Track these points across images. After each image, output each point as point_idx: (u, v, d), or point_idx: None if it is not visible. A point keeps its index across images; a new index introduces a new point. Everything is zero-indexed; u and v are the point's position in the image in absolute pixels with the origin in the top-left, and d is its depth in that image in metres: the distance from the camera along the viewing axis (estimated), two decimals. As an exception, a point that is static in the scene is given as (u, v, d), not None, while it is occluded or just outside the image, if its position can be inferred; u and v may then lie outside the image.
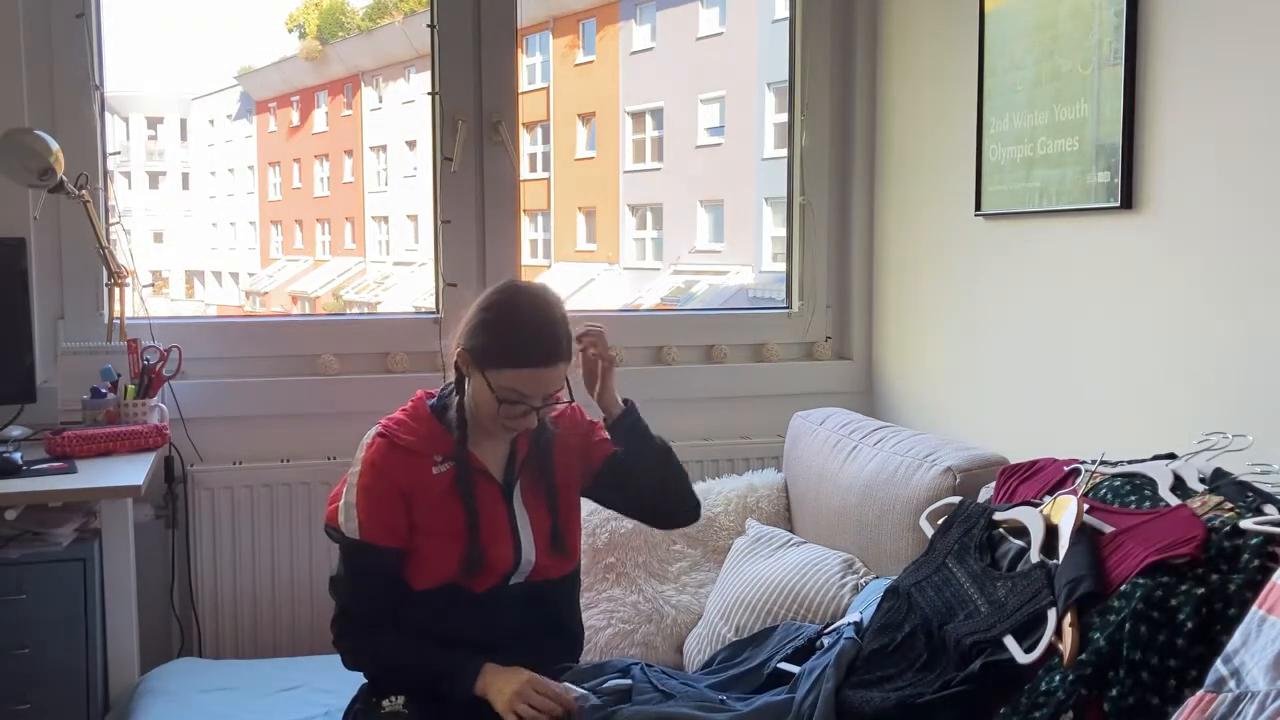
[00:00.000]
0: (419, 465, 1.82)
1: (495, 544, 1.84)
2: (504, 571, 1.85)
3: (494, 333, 1.77)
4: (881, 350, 3.14)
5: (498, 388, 1.76)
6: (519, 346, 1.76)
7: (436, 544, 1.81)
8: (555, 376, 1.79)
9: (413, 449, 1.82)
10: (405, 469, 1.81)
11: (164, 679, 2.27)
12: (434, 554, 1.81)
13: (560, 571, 1.91)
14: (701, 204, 11.35)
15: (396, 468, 1.81)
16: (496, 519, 1.85)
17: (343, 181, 14.77)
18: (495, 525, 1.85)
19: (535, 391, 1.77)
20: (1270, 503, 1.56)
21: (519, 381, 1.76)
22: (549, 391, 1.79)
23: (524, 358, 1.75)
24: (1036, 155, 2.43)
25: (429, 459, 1.83)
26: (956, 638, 1.64)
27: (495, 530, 1.84)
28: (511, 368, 1.75)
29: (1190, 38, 2.06)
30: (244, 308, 15.89)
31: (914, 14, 2.94)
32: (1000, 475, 2.04)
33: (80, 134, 2.59)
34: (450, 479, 1.82)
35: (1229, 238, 2.00)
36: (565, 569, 1.93)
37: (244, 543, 2.70)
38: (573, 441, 1.96)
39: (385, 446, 1.82)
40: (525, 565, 1.86)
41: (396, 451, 1.82)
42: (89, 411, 2.49)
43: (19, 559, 2.23)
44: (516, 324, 1.78)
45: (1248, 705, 1.22)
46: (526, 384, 1.76)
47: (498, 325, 1.78)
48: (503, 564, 1.84)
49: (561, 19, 12.42)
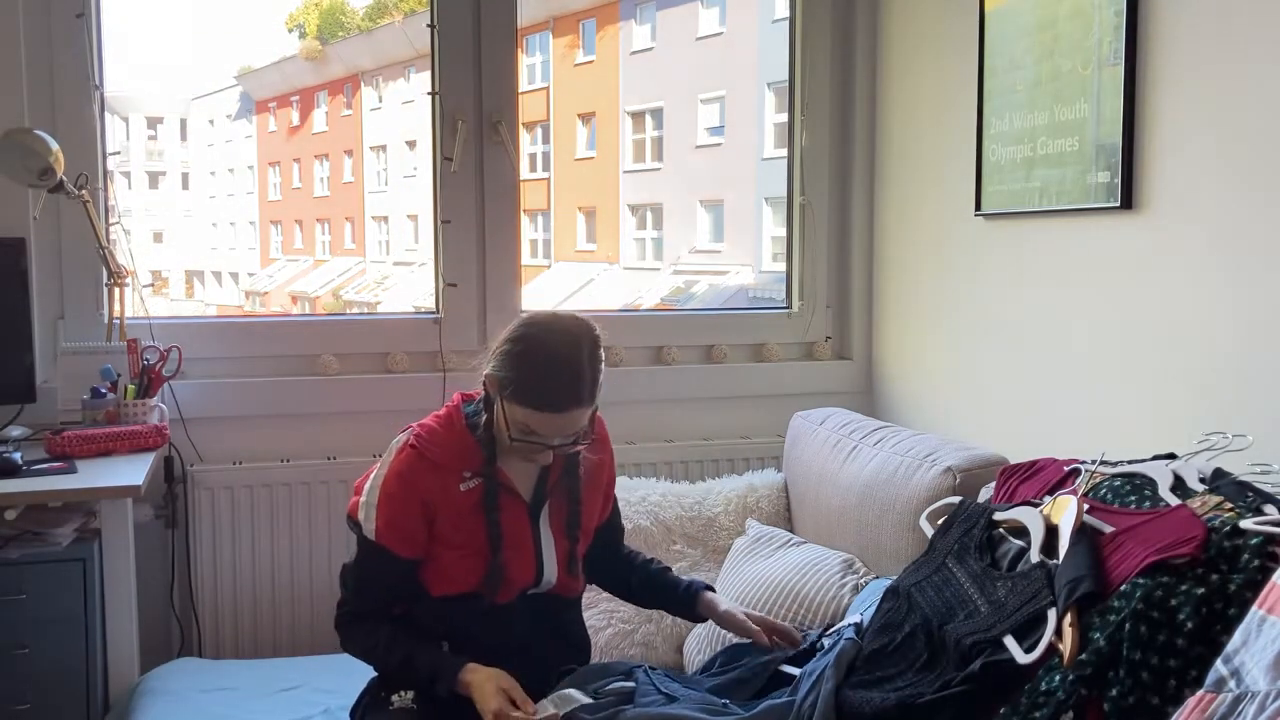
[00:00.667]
0: (447, 480, 1.81)
1: (517, 561, 1.84)
2: (524, 588, 1.87)
3: (515, 368, 1.75)
4: (881, 350, 3.14)
5: (513, 423, 1.76)
6: (537, 388, 1.74)
7: (457, 556, 1.81)
8: (572, 421, 1.77)
9: (441, 463, 1.81)
10: (432, 483, 1.80)
11: (164, 679, 2.27)
12: (453, 565, 1.82)
13: (573, 592, 1.94)
14: (701, 204, 11.35)
15: (423, 481, 1.80)
16: (521, 537, 1.86)
17: (343, 181, 14.75)
18: (519, 543, 1.85)
19: (550, 433, 1.76)
20: (1270, 503, 1.56)
21: (533, 421, 1.75)
22: (566, 434, 1.78)
23: (540, 401, 1.74)
24: (1036, 155, 2.43)
25: (458, 474, 1.82)
26: (956, 638, 1.64)
27: (519, 548, 1.85)
28: (528, 407, 1.74)
29: (1190, 38, 2.06)
30: (244, 308, 15.88)
31: (914, 14, 2.94)
32: (1000, 475, 2.04)
33: (80, 134, 2.59)
34: (478, 496, 1.82)
35: (1229, 238, 2.00)
36: (578, 589, 1.96)
37: (244, 543, 2.70)
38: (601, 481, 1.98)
39: (414, 458, 1.81)
40: (546, 585, 1.88)
41: (425, 464, 1.81)
42: (89, 411, 2.49)
43: (19, 559, 2.23)
44: (538, 364, 1.74)
45: (1248, 705, 1.22)
46: (541, 425, 1.75)
47: (520, 361, 1.75)
48: (524, 581, 1.86)
49: (561, 19, 12.41)
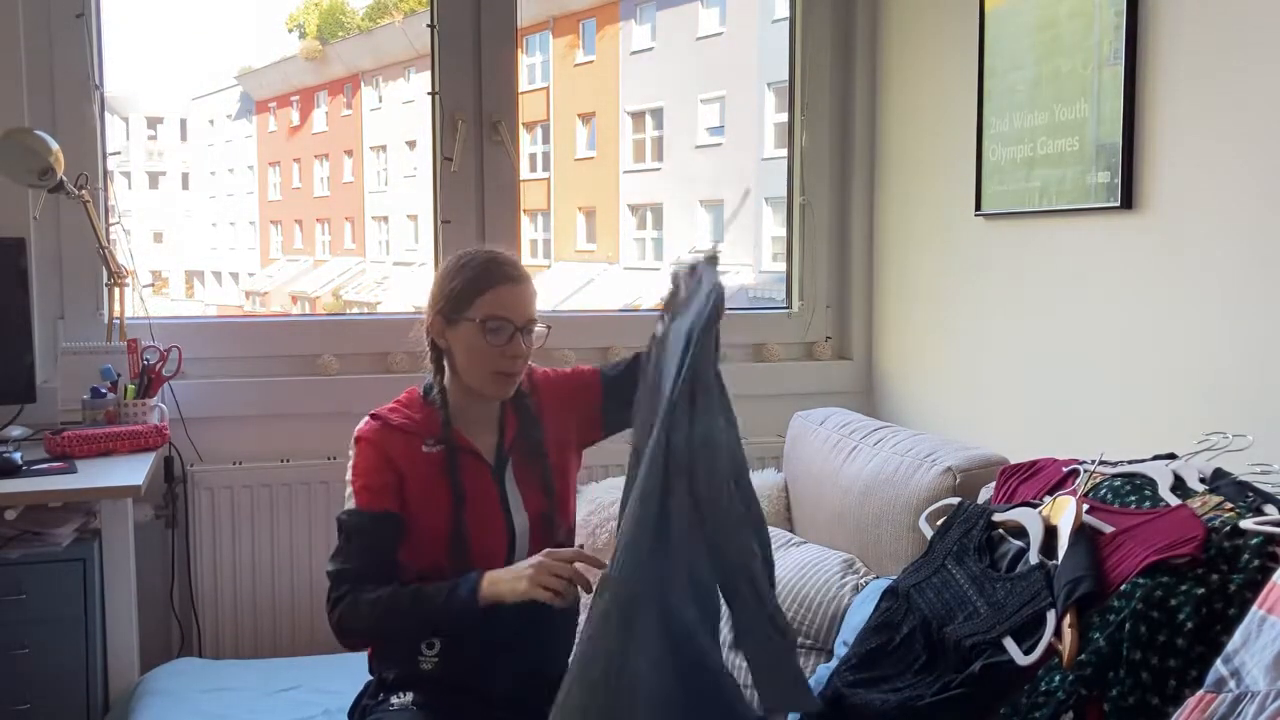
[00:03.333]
0: (411, 443, 1.85)
1: (486, 524, 1.84)
2: (500, 553, 1.84)
3: (458, 276, 1.85)
4: (881, 350, 3.14)
5: (481, 321, 1.81)
6: (485, 272, 1.84)
7: (425, 523, 1.82)
8: (530, 297, 1.86)
9: (405, 429, 1.86)
10: (398, 446, 1.84)
11: (164, 679, 2.27)
12: (424, 533, 1.82)
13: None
14: (701, 204, 11.35)
15: (389, 443, 1.84)
16: (487, 499, 1.86)
17: (343, 181, 14.75)
18: (485, 505, 1.86)
19: (515, 313, 1.83)
20: (1270, 503, 1.56)
21: (496, 304, 1.82)
22: (528, 315, 1.85)
23: (493, 279, 1.83)
24: (1036, 155, 2.43)
25: (420, 439, 1.86)
26: (956, 639, 1.64)
27: (485, 510, 1.85)
28: (486, 291, 1.82)
29: (1190, 38, 2.06)
30: (244, 308, 15.88)
31: (914, 14, 2.94)
32: (1000, 475, 2.04)
33: (80, 134, 2.59)
34: (441, 459, 1.85)
35: (1229, 237, 1.99)
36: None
37: (244, 543, 2.70)
38: (561, 403, 1.98)
39: (378, 426, 1.86)
40: (521, 546, 1.86)
41: (388, 429, 1.86)
42: (89, 411, 2.49)
43: (19, 559, 2.23)
44: (475, 260, 1.87)
45: (1248, 705, 1.22)
46: (505, 304, 1.82)
47: (459, 270, 1.86)
48: (496, 545, 1.85)
49: (561, 19, 12.40)
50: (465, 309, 1.83)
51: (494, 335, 1.82)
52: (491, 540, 1.85)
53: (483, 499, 1.86)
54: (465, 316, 1.83)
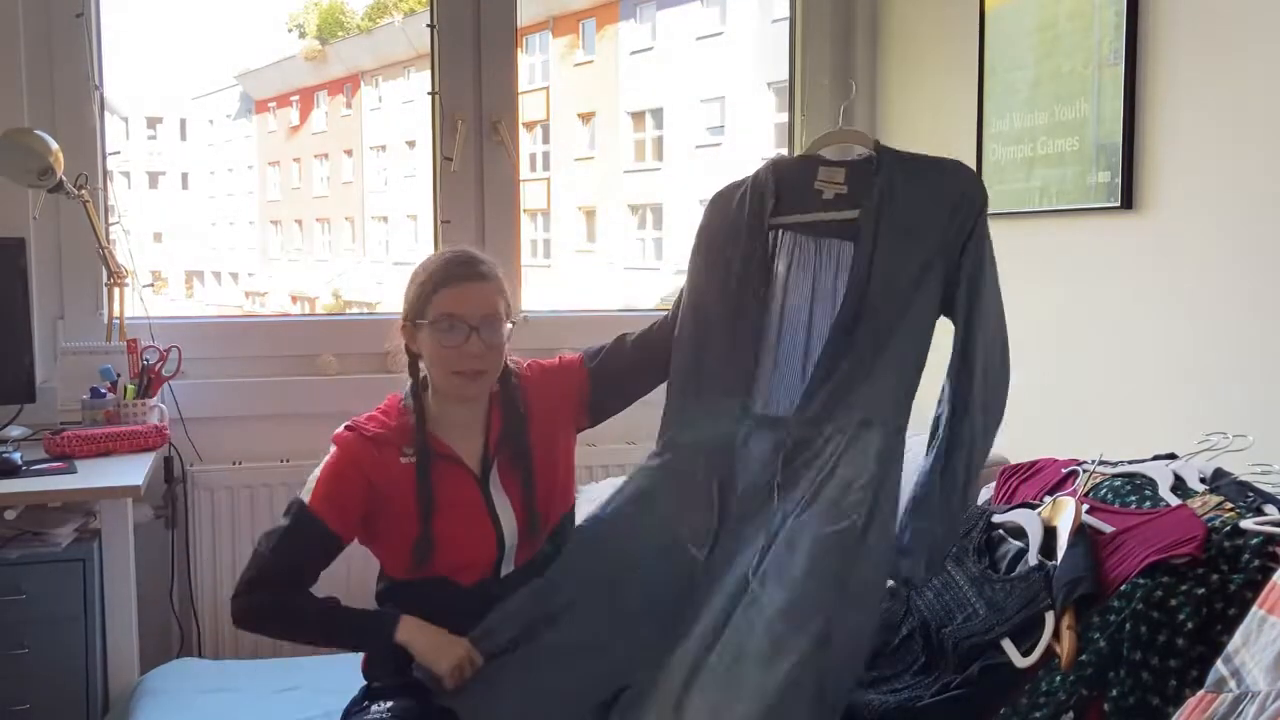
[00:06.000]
0: (387, 454, 1.81)
1: (468, 531, 1.81)
2: (489, 561, 1.82)
3: (419, 278, 1.83)
4: (881, 350, 3.13)
5: (433, 322, 1.78)
6: (438, 274, 1.81)
7: (400, 532, 1.80)
8: (486, 294, 1.81)
9: (380, 440, 1.82)
10: (373, 460, 1.80)
11: (164, 679, 2.26)
12: (401, 541, 1.80)
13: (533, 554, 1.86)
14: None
15: (365, 457, 1.80)
16: (470, 506, 1.82)
17: (343, 181, 14.74)
18: (468, 512, 1.82)
19: (468, 311, 1.78)
20: (1270, 503, 1.56)
21: (449, 303, 1.78)
22: (483, 312, 1.80)
23: (446, 279, 1.80)
24: (1037, 155, 2.43)
25: (397, 449, 1.82)
26: (955, 640, 1.64)
27: (468, 517, 1.82)
28: (440, 290, 1.79)
29: (1190, 38, 2.06)
30: (244, 308, 15.87)
31: (914, 14, 2.94)
32: (1000, 475, 2.04)
33: (80, 134, 2.59)
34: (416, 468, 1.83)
35: (1229, 238, 1.99)
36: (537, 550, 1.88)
37: (244, 543, 2.70)
38: (548, 398, 1.92)
39: (354, 437, 1.82)
40: (510, 551, 1.83)
41: (363, 440, 1.82)
42: (88, 411, 2.49)
43: (19, 559, 2.23)
44: (433, 262, 1.85)
45: (1248, 705, 1.22)
46: (457, 303, 1.78)
47: (419, 273, 1.84)
48: (481, 553, 1.82)
49: (561, 19, 12.40)
50: (424, 311, 1.81)
51: (447, 335, 1.78)
52: (474, 549, 1.81)
53: (465, 506, 1.82)
54: (424, 319, 1.81)
